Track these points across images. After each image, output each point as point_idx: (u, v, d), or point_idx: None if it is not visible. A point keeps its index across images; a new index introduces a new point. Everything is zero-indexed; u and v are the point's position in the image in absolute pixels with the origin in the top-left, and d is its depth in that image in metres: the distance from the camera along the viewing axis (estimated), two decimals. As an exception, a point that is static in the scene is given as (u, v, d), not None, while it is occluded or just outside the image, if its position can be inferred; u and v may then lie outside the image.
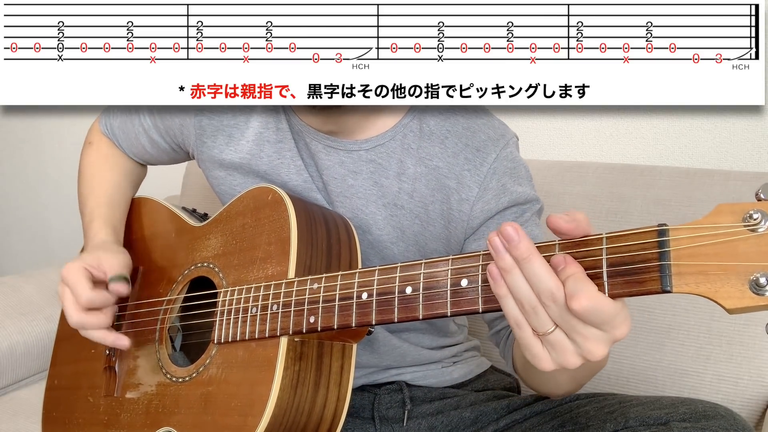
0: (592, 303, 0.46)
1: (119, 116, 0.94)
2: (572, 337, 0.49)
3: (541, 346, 0.51)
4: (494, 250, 0.50)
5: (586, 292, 0.47)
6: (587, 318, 0.47)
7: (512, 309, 0.50)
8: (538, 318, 0.49)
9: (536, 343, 0.50)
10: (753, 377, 0.93)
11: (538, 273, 0.48)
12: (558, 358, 0.50)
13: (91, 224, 0.89)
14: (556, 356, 0.50)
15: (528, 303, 0.49)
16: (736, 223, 0.44)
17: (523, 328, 0.50)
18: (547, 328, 0.49)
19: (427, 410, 0.86)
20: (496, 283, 0.51)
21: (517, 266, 0.49)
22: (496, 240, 0.50)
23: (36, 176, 2.13)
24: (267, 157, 0.82)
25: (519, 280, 0.49)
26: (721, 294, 0.44)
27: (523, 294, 0.49)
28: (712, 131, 1.16)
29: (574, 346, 0.49)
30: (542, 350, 0.51)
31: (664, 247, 0.45)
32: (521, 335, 0.51)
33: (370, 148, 0.78)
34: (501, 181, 0.76)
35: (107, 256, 0.81)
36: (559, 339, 0.49)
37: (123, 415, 0.81)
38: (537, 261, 0.48)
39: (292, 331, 0.66)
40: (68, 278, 0.78)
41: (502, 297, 0.50)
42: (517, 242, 0.49)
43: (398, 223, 0.79)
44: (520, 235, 0.49)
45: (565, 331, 0.49)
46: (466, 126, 0.78)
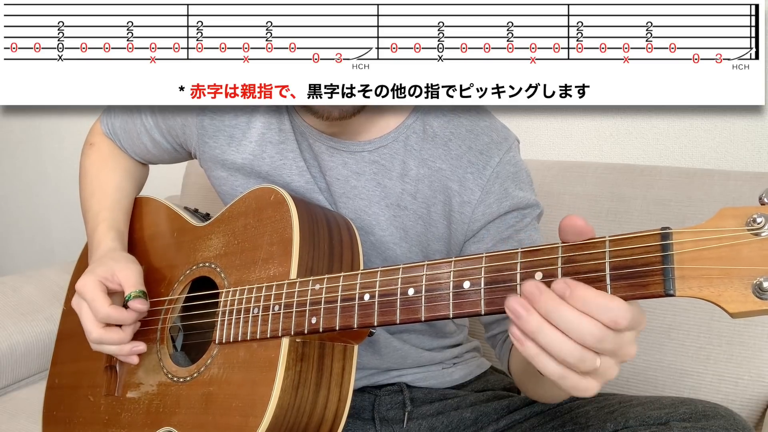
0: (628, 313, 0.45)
1: (120, 116, 0.94)
2: (615, 355, 0.47)
3: (589, 379, 0.48)
4: (516, 316, 0.46)
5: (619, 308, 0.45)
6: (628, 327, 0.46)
7: (550, 365, 0.47)
8: (586, 363, 0.46)
9: (583, 381, 0.48)
10: (753, 377, 0.93)
11: (572, 320, 0.45)
12: (604, 379, 0.48)
13: (96, 228, 0.89)
14: (602, 379, 0.48)
15: (570, 355, 0.46)
16: (740, 227, 0.44)
17: (568, 377, 0.47)
18: (597, 364, 0.47)
19: (428, 411, 0.86)
20: (524, 345, 0.47)
21: (544, 323, 0.46)
22: (516, 306, 0.46)
23: (36, 176, 2.13)
24: (269, 158, 0.82)
25: (551, 335, 0.46)
26: (724, 298, 0.43)
27: (561, 348, 0.46)
28: (712, 131, 1.16)
29: (615, 361, 0.48)
30: (590, 382, 0.48)
31: (668, 251, 0.45)
32: (566, 384, 0.48)
33: (374, 149, 0.78)
34: (503, 185, 0.76)
35: (119, 267, 0.80)
36: (607, 364, 0.47)
37: (123, 414, 0.81)
38: (564, 308, 0.45)
39: (294, 332, 0.66)
40: (85, 293, 0.77)
41: (535, 356, 0.47)
42: (539, 296, 0.46)
43: (401, 224, 0.80)
44: (540, 288, 0.46)
45: (611, 354, 0.47)
46: (469, 128, 0.78)
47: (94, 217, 0.90)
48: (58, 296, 1.20)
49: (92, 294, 0.76)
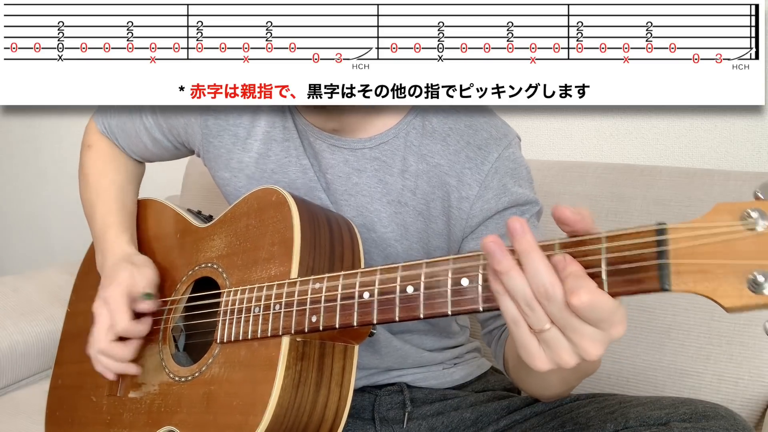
0: (591, 298, 0.46)
1: (117, 115, 0.93)
2: (569, 335, 0.49)
3: (537, 344, 0.50)
4: (489, 253, 0.49)
5: (586, 287, 0.46)
6: (585, 315, 0.47)
7: (509, 307, 0.50)
8: (535, 315, 0.49)
9: (532, 342, 0.50)
10: (753, 377, 0.93)
11: (537, 268, 0.48)
12: (554, 357, 0.50)
13: (107, 232, 0.89)
14: (551, 355, 0.50)
15: (524, 300, 0.49)
16: (735, 221, 0.44)
17: (519, 325, 0.50)
18: (543, 325, 0.49)
19: (428, 411, 0.86)
20: (493, 280, 0.51)
21: (513, 267, 0.49)
22: (491, 245, 0.49)
23: (36, 176, 2.13)
24: (275, 156, 0.82)
25: (516, 279, 0.49)
26: (719, 292, 0.44)
27: (519, 291, 0.49)
28: (712, 131, 1.16)
29: (570, 345, 0.49)
30: (538, 349, 0.50)
31: (663, 246, 0.45)
32: (517, 333, 0.51)
33: (374, 146, 0.78)
34: (502, 181, 0.76)
35: (138, 272, 0.81)
36: (556, 337, 0.49)
37: (126, 414, 0.81)
38: (537, 255, 0.48)
39: (294, 331, 0.66)
40: (110, 302, 0.78)
41: (499, 294, 0.50)
42: (521, 235, 0.48)
43: (402, 221, 0.80)
44: (524, 229, 0.48)
45: (562, 329, 0.49)
46: (468, 124, 0.78)
47: (102, 219, 0.90)
48: (58, 296, 1.20)
49: (117, 306, 0.78)
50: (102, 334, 0.78)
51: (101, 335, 0.78)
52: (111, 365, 0.79)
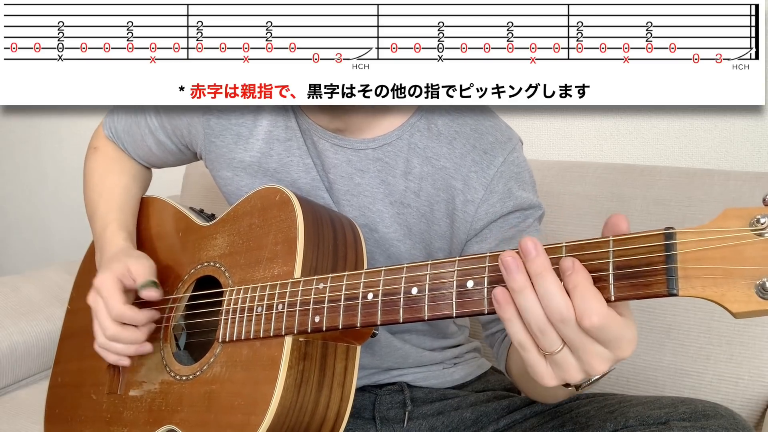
0: (602, 321, 0.46)
1: (124, 119, 0.94)
2: (578, 355, 0.49)
3: (545, 364, 0.50)
4: (506, 269, 0.49)
5: (597, 310, 0.46)
6: (596, 335, 0.47)
7: (518, 332, 0.50)
8: (546, 339, 0.48)
9: (541, 362, 0.50)
10: (753, 377, 0.94)
11: (550, 290, 0.47)
12: (561, 375, 0.50)
13: (106, 229, 0.89)
14: (559, 373, 0.50)
15: (536, 324, 0.48)
16: (743, 227, 0.44)
17: (528, 349, 0.50)
18: (555, 348, 0.49)
19: (428, 411, 0.86)
20: (501, 307, 0.50)
21: (528, 286, 0.48)
22: (509, 260, 0.48)
23: (36, 176, 2.13)
24: (277, 155, 0.82)
25: (530, 299, 0.48)
26: (727, 298, 0.44)
27: (531, 315, 0.48)
28: (712, 131, 1.16)
29: (578, 363, 0.49)
30: (546, 368, 0.50)
31: (671, 251, 0.45)
32: (526, 356, 0.50)
33: (378, 146, 0.78)
34: (507, 185, 0.76)
35: (132, 262, 0.81)
36: (565, 357, 0.49)
37: (126, 412, 0.81)
38: (551, 278, 0.47)
39: (297, 331, 0.66)
40: (102, 289, 0.78)
41: (508, 320, 0.50)
42: (534, 257, 0.48)
43: (405, 222, 0.80)
44: (538, 249, 0.48)
45: (572, 349, 0.49)
46: (473, 127, 0.78)
47: (103, 217, 0.91)
48: (58, 296, 1.20)
49: (109, 291, 0.77)
50: (107, 321, 0.77)
51: (107, 323, 0.77)
52: (122, 349, 0.78)
